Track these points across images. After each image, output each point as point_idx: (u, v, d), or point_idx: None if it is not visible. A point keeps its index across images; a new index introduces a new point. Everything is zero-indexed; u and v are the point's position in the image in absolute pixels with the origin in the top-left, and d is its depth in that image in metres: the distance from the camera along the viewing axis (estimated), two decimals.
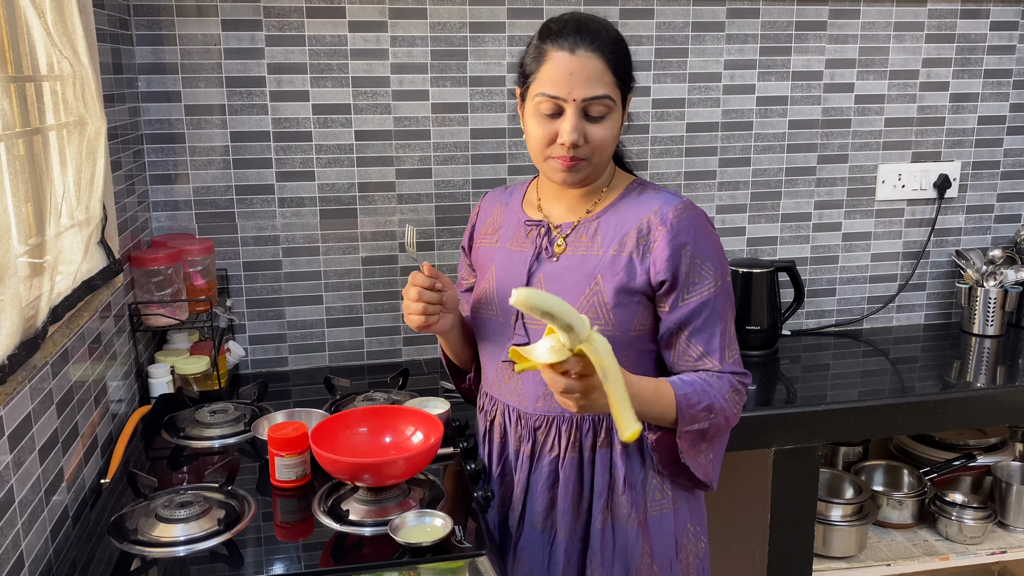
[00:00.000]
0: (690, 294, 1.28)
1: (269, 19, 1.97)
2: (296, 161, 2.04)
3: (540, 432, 1.36)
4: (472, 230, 1.52)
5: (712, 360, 1.30)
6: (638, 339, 1.32)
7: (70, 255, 1.40)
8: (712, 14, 2.17)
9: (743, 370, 1.34)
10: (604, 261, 1.31)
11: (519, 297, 1.02)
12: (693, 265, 1.27)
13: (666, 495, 1.36)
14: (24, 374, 1.16)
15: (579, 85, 1.22)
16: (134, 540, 1.21)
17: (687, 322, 1.29)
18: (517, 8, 2.07)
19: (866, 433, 1.93)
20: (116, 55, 1.78)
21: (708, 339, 1.30)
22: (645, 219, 1.30)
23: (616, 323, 1.29)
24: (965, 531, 2.12)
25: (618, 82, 1.25)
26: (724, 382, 1.30)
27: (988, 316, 2.35)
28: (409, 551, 1.15)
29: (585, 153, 1.26)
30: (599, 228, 1.34)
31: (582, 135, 1.24)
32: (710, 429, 1.29)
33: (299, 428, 1.36)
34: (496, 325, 1.39)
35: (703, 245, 1.29)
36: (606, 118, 1.25)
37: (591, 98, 1.23)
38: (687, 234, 1.28)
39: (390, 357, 2.20)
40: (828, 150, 2.32)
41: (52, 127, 1.41)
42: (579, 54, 1.22)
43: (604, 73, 1.23)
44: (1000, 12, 2.31)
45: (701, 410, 1.27)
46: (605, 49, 1.23)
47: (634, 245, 1.30)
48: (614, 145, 1.30)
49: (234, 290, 2.08)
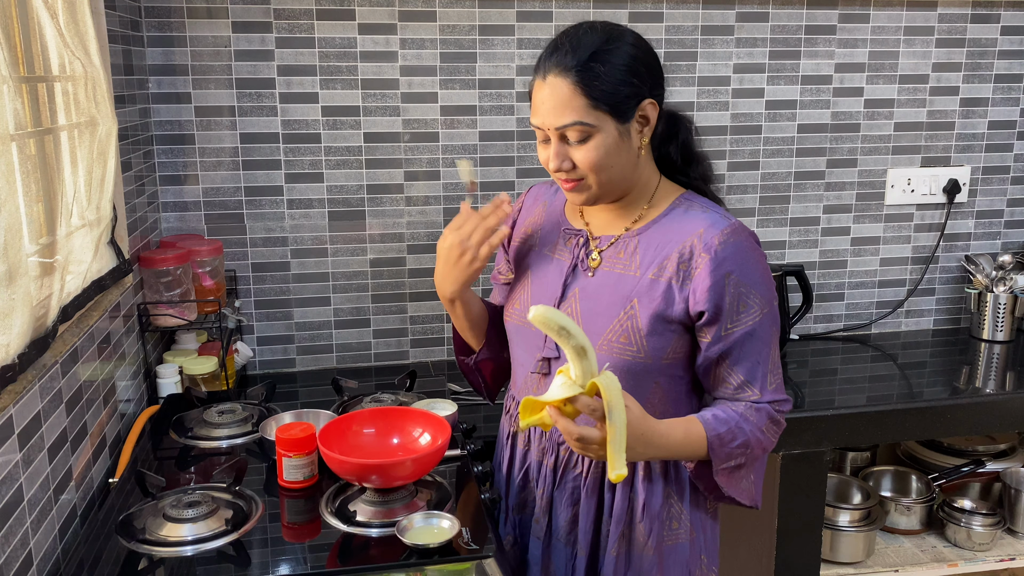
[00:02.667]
0: (735, 324, 1.21)
1: (279, 21, 1.97)
2: (305, 163, 2.05)
3: (564, 448, 1.32)
4: (513, 224, 1.46)
5: (753, 389, 1.24)
6: (671, 367, 1.27)
7: (80, 255, 1.40)
8: (722, 18, 2.17)
9: (784, 396, 1.27)
10: (642, 284, 1.24)
11: (536, 314, 1.05)
12: (738, 295, 1.20)
13: (684, 525, 1.31)
14: (34, 373, 1.16)
15: (550, 114, 1.19)
16: (142, 539, 1.21)
17: (728, 352, 1.23)
18: (526, 11, 2.07)
19: (874, 438, 1.92)
20: (127, 56, 1.79)
21: (751, 368, 1.23)
22: (688, 243, 1.22)
23: (648, 351, 1.23)
24: (974, 537, 2.11)
25: (592, 103, 1.17)
26: (763, 414, 1.24)
27: (997, 321, 2.34)
28: (416, 552, 1.15)
29: (578, 175, 1.22)
30: (639, 246, 1.27)
31: (565, 159, 1.21)
32: (747, 462, 1.26)
33: (307, 429, 1.37)
34: (528, 334, 1.35)
35: (749, 272, 1.21)
36: (589, 141, 1.19)
37: (561, 127, 1.18)
38: (732, 262, 1.19)
39: (398, 359, 2.20)
40: (837, 154, 2.32)
41: (64, 127, 1.42)
42: (549, 80, 1.19)
43: (572, 98, 1.17)
44: (1010, 17, 2.31)
45: (736, 447, 1.22)
46: (572, 71, 1.16)
47: (674, 271, 1.22)
48: (618, 161, 1.21)
49: (242, 291, 2.09)
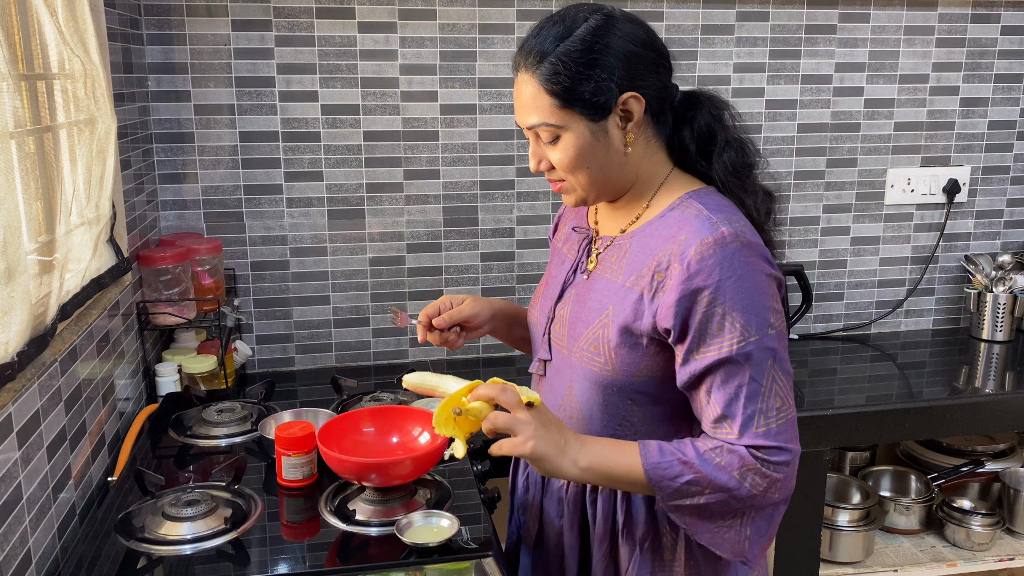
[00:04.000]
0: (707, 347, 1.05)
1: (279, 19, 1.97)
2: (304, 161, 2.05)
3: None
4: (558, 220, 1.42)
5: (732, 427, 1.05)
6: (646, 385, 1.14)
7: (79, 253, 1.40)
8: (722, 17, 2.17)
9: (776, 444, 1.05)
10: (619, 292, 1.15)
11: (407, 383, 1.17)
12: (712, 315, 1.04)
13: (679, 558, 1.18)
14: (33, 371, 1.16)
15: (520, 113, 1.14)
16: (141, 538, 1.21)
17: (702, 379, 1.07)
18: (526, 10, 2.07)
19: (873, 438, 1.92)
20: (126, 54, 1.78)
21: (729, 402, 1.05)
22: (668, 251, 1.09)
23: (617, 364, 1.13)
24: (973, 537, 2.11)
25: (558, 103, 1.08)
26: (734, 458, 1.05)
27: (997, 321, 2.34)
28: (415, 551, 1.15)
29: (557, 176, 1.16)
30: (630, 250, 1.16)
31: (541, 160, 1.15)
32: (713, 506, 1.07)
33: (306, 428, 1.37)
34: (534, 331, 1.33)
35: (730, 291, 1.04)
36: (559, 140, 1.11)
37: (529, 127, 1.13)
38: (708, 276, 1.04)
39: (397, 358, 2.20)
40: (837, 154, 2.32)
41: (63, 125, 1.41)
42: (519, 77, 1.13)
43: (537, 96, 1.09)
44: (1011, 17, 2.31)
45: (684, 483, 1.06)
46: (535, 68, 1.09)
47: (648, 281, 1.11)
48: (595, 164, 1.12)
49: (241, 290, 2.09)
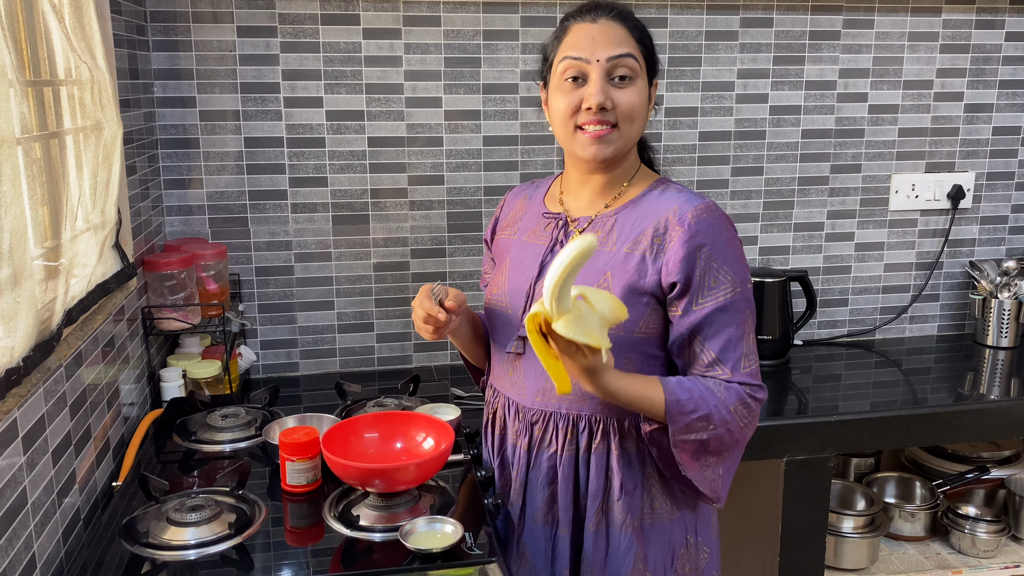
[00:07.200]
0: (705, 299, 1.23)
1: (284, 26, 1.98)
2: (309, 167, 2.05)
3: (537, 427, 1.34)
4: (495, 223, 1.51)
5: (724, 368, 1.24)
6: (643, 342, 1.28)
7: (85, 258, 1.41)
8: (726, 23, 2.17)
9: (758, 383, 1.27)
10: (616, 258, 1.27)
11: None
12: (709, 268, 1.22)
13: (665, 505, 1.32)
14: (38, 376, 1.16)
15: (601, 46, 1.23)
16: (145, 543, 1.21)
17: (700, 328, 1.24)
18: (531, 16, 2.07)
19: (878, 444, 1.91)
20: (132, 60, 1.79)
21: (723, 346, 1.24)
22: (663, 218, 1.26)
23: (621, 323, 1.23)
24: (978, 544, 2.10)
25: (643, 49, 1.26)
26: (732, 393, 1.23)
27: (1002, 328, 2.33)
28: (419, 557, 1.15)
29: (613, 118, 1.25)
30: (616, 224, 1.30)
31: (608, 98, 1.24)
32: (711, 441, 1.24)
33: (310, 433, 1.36)
34: (504, 317, 1.38)
35: (721, 248, 1.23)
36: (633, 83, 1.25)
37: (615, 56, 1.23)
38: (705, 235, 1.23)
39: (401, 363, 2.20)
40: (841, 160, 2.31)
41: (69, 131, 1.42)
42: (601, 22, 1.25)
43: (627, 38, 1.25)
44: (1015, 23, 2.31)
45: (697, 419, 1.21)
46: (627, 19, 1.26)
47: (648, 243, 1.26)
48: (643, 118, 1.28)
49: (246, 295, 2.09)
